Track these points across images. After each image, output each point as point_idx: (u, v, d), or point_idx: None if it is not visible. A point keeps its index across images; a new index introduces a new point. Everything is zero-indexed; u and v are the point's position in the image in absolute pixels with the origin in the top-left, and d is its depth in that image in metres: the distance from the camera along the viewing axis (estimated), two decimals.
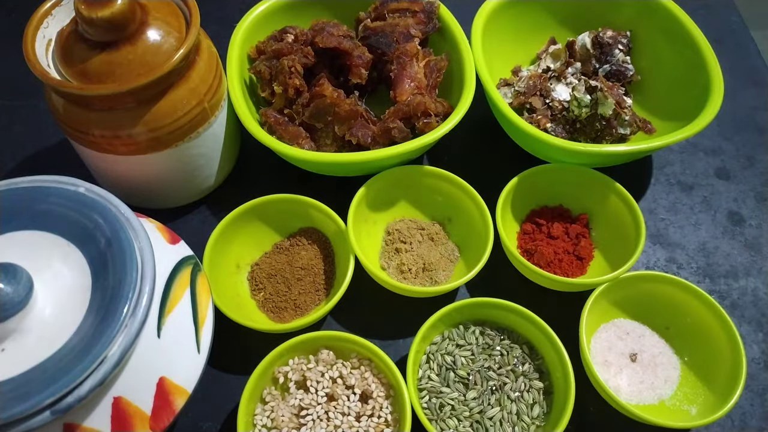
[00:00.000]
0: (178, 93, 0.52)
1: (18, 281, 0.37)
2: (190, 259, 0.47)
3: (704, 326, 0.53)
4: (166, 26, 0.51)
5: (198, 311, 0.45)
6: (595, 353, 0.54)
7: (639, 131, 0.64)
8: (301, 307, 0.55)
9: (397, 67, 0.61)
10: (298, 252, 0.58)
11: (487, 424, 0.48)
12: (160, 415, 0.41)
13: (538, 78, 0.65)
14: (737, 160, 0.69)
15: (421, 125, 0.58)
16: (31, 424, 0.35)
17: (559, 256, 0.58)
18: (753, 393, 0.54)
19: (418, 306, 0.56)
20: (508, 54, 0.70)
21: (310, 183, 0.62)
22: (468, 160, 0.66)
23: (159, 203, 0.61)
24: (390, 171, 0.59)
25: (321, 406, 0.48)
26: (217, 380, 0.53)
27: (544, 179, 0.60)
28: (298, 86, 0.59)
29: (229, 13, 0.75)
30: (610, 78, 0.67)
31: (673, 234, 0.63)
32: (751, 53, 0.78)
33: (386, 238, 0.60)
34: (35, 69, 0.49)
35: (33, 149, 0.67)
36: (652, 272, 0.55)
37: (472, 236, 0.58)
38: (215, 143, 0.58)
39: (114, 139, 0.51)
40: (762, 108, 0.73)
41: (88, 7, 0.47)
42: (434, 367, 0.51)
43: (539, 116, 0.63)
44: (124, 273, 0.40)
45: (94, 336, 0.37)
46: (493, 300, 0.52)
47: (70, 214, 0.42)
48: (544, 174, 0.60)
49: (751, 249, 0.62)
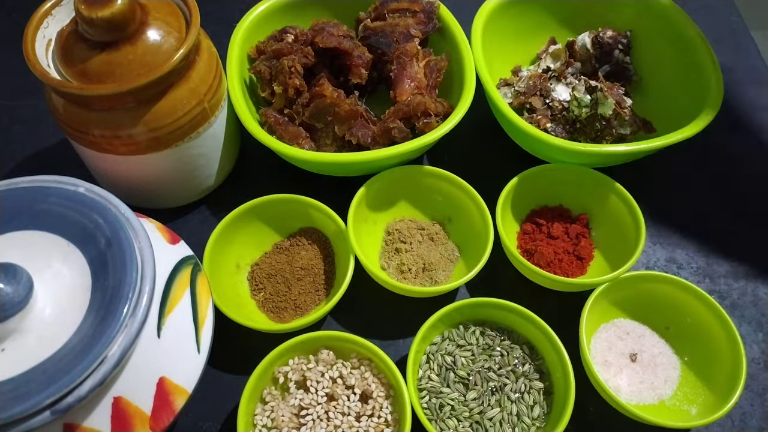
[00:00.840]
0: (178, 93, 0.52)
1: (18, 281, 0.37)
2: (190, 259, 0.47)
3: (704, 326, 0.53)
4: (166, 26, 0.51)
5: (198, 311, 0.45)
6: (595, 353, 0.54)
7: (639, 131, 0.64)
8: (301, 307, 0.55)
9: (397, 67, 0.61)
10: (298, 252, 0.58)
11: (486, 424, 0.48)
12: (160, 415, 0.41)
13: (538, 78, 0.65)
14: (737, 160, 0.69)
15: (421, 125, 0.58)
16: (31, 424, 0.35)
17: (559, 256, 0.58)
18: (753, 393, 0.54)
19: (418, 306, 0.56)
20: (508, 54, 0.70)
21: (310, 183, 0.62)
22: (468, 160, 0.66)
23: (159, 203, 0.61)
24: (390, 171, 0.59)
25: (321, 406, 0.48)
26: (217, 380, 0.53)
27: (544, 179, 0.60)
28: (298, 86, 0.59)
29: (229, 13, 0.75)
30: (610, 78, 0.67)
31: (673, 234, 0.63)
32: (751, 53, 0.78)
33: (386, 238, 0.60)
34: (35, 69, 0.49)
35: (33, 149, 0.67)
36: (652, 272, 0.55)
37: (472, 236, 0.58)
38: (215, 143, 0.58)
39: (114, 139, 0.51)
40: (762, 108, 0.73)
41: (88, 7, 0.47)
42: (434, 367, 0.51)
43: (539, 116, 0.63)
44: (124, 273, 0.40)
45: (94, 336, 0.37)
46: (493, 300, 0.52)
47: (70, 214, 0.42)
48: (544, 174, 0.60)
49: (751, 249, 0.62)
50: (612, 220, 0.59)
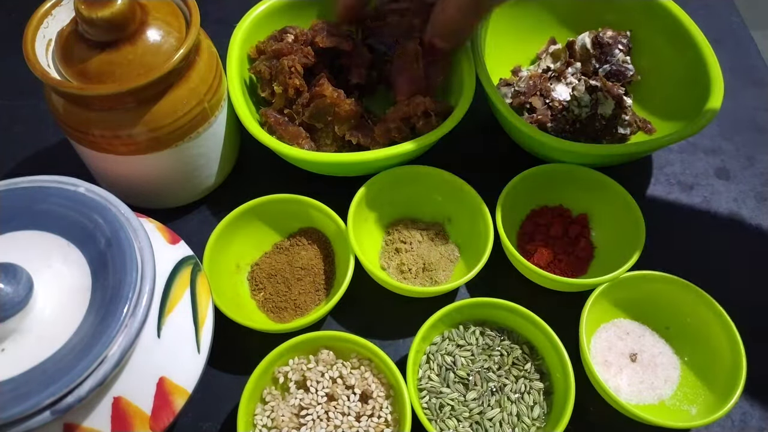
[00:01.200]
0: (178, 93, 0.52)
1: (18, 281, 0.37)
2: (190, 259, 0.47)
3: (704, 326, 0.53)
4: (166, 26, 0.51)
5: (198, 311, 0.45)
6: (595, 353, 0.54)
7: (639, 131, 0.64)
8: (301, 307, 0.55)
9: (397, 67, 0.61)
10: (298, 252, 0.58)
11: (486, 425, 0.48)
12: (160, 415, 0.41)
13: (538, 78, 0.65)
14: (737, 160, 0.69)
15: (420, 125, 0.58)
16: (31, 424, 0.35)
17: (559, 256, 0.58)
18: (753, 393, 0.54)
19: (418, 306, 0.56)
20: (508, 54, 0.70)
21: (310, 183, 0.62)
22: (468, 160, 0.66)
23: (159, 203, 0.61)
24: (390, 171, 0.59)
25: (321, 405, 0.48)
26: (217, 380, 0.53)
27: (544, 179, 0.60)
28: (298, 86, 0.59)
29: (229, 13, 0.75)
30: (610, 78, 0.67)
31: (673, 234, 0.63)
32: (751, 53, 0.78)
33: (386, 238, 0.60)
34: (35, 69, 0.49)
35: (33, 149, 0.67)
36: (652, 272, 0.55)
37: (472, 236, 0.58)
38: (215, 143, 0.58)
39: (114, 139, 0.51)
40: (762, 108, 0.73)
41: (88, 7, 0.47)
42: (434, 367, 0.51)
43: (539, 116, 0.63)
44: (124, 273, 0.40)
45: (94, 336, 0.37)
46: (493, 300, 0.52)
47: (70, 214, 0.42)
48: (544, 174, 0.60)
49: (751, 249, 0.62)
50: (612, 220, 0.59)
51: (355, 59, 0.60)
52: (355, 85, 0.61)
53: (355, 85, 0.61)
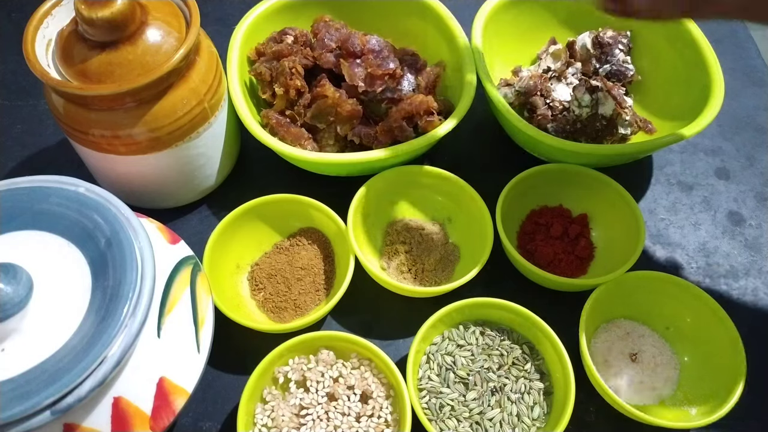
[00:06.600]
0: (178, 93, 0.52)
1: (18, 281, 0.37)
2: (190, 259, 0.47)
3: (704, 326, 0.53)
4: (166, 26, 0.51)
5: (198, 311, 0.45)
6: (595, 353, 0.54)
7: (639, 131, 0.64)
8: (301, 307, 0.55)
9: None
10: (298, 252, 0.58)
11: (486, 425, 0.48)
12: (160, 415, 0.41)
13: (538, 78, 0.65)
14: (737, 160, 0.69)
15: (423, 123, 0.58)
16: (31, 424, 0.35)
17: (559, 256, 0.58)
18: (753, 393, 0.54)
19: (418, 306, 0.56)
20: (508, 54, 0.70)
21: (310, 183, 0.62)
22: (468, 160, 0.66)
23: (159, 203, 0.61)
24: (390, 171, 0.59)
25: (321, 405, 0.48)
26: (217, 380, 0.53)
27: (544, 179, 0.60)
28: (299, 87, 0.59)
29: (229, 13, 0.75)
30: (610, 78, 0.67)
31: (673, 234, 0.63)
32: (751, 53, 0.78)
33: (386, 238, 0.60)
34: (35, 69, 0.49)
35: (33, 149, 0.67)
36: (652, 272, 0.55)
37: (472, 236, 0.58)
38: (215, 143, 0.58)
39: (114, 139, 0.51)
40: (762, 108, 0.73)
41: (88, 7, 0.47)
42: (434, 367, 0.51)
43: (539, 116, 0.63)
44: (124, 273, 0.40)
45: (94, 336, 0.37)
46: (493, 300, 0.52)
47: (70, 214, 0.42)
48: (544, 174, 0.60)
49: (751, 249, 0.62)
50: (612, 220, 0.59)
51: (352, 78, 0.59)
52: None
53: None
